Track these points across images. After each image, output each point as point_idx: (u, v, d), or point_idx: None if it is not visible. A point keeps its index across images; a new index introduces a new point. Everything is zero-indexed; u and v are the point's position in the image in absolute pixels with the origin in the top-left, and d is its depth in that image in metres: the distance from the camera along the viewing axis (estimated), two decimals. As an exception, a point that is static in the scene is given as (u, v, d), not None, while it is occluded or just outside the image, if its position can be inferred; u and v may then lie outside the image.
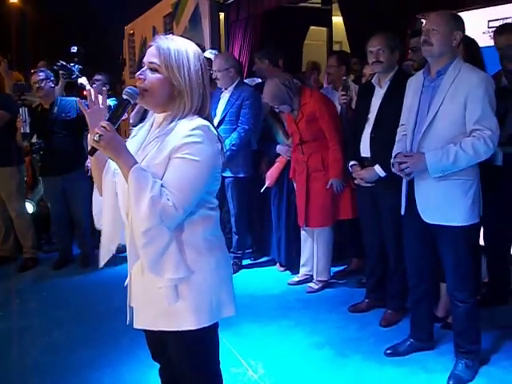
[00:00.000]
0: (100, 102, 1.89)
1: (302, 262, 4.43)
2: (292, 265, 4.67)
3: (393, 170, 2.98)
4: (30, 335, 3.81)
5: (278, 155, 4.56)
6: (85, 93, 5.04)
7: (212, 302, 1.86)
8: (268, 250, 4.99)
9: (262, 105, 4.62)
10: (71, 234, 5.33)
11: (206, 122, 1.80)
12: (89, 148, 1.78)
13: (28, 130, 4.81)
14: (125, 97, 1.77)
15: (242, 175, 4.65)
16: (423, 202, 2.90)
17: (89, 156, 1.83)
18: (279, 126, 4.58)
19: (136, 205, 1.69)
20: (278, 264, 4.82)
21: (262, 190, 4.63)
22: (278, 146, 4.51)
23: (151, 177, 1.71)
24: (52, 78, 4.97)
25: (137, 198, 1.69)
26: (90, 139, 1.73)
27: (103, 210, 1.94)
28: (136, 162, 1.73)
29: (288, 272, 4.70)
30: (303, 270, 4.42)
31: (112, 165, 1.91)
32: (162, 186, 1.72)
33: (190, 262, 1.80)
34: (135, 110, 4.70)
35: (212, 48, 5.83)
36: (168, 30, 7.32)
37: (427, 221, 2.89)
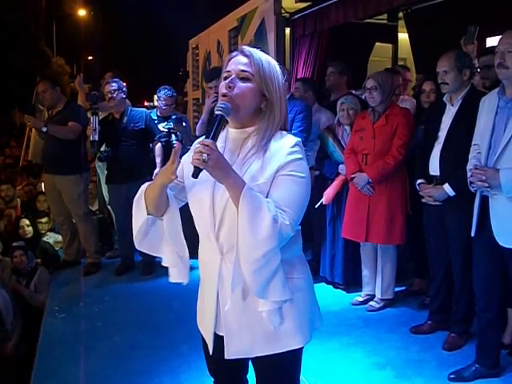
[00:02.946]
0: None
1: (363, 282, 4.34)
2: (348, 283, 4.60)
3: (470, 180, 2.90)
4: (92, 338, 3.90)
5: (333, 174, 4.49)
6: None
7: (310, 317, 1.84)
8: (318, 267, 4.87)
9: (312, 120, 4.57)
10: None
11: (298, 138, 1.75)
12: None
13: (97, 138, 4.92)
14: (219, 113, 1.67)
15: None
16: (499, 224, 2.81)
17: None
18: (336, 143, 4.50)
19: (253, 227, 1.57)
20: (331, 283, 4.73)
21: (316, 206, 4.57)
22: (341, 166, 4.41)
23: (262, 196, 1.63)
24: (124, 89, 5.07)
25: (254, 220, 1.57)
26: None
27: (170, 236, 1.82)
28: (245, 182, 1.62)
29: (340, 290, 4.63)
30: (365, 290, 4.32)
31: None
32: None
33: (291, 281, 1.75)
34: (201, 121, 4.71)
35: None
36: (233, 44, 7.42)
37: (502, 244, 2.80)
